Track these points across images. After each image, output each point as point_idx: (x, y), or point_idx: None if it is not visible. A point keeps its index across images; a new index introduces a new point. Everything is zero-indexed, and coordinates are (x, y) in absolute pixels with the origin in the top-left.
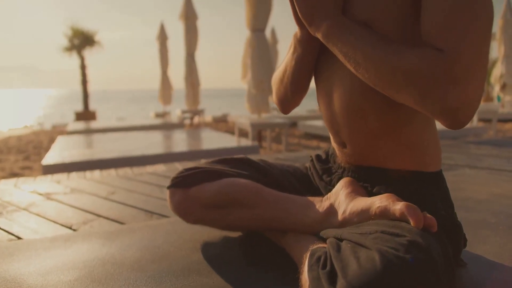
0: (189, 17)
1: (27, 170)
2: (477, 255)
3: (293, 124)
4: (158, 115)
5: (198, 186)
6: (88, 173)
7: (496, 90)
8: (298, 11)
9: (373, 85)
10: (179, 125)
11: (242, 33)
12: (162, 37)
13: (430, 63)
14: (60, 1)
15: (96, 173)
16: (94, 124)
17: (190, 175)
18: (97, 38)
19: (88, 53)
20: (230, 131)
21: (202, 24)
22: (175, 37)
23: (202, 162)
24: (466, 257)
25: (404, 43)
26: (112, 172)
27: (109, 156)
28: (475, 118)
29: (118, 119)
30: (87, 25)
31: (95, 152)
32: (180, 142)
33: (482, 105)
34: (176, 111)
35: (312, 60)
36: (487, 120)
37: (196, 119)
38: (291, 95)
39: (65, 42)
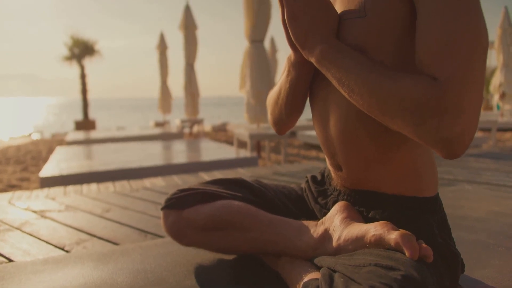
0: (189, 27)
1: (25, 182)
2: (476, 279)
3: (292, 134)
4: (157, 124)
5: (192, 208)
6: (85, 187)
7: (495, 99)
8: (291, 34)
9: (367, 111)
10: (179, 135)
11: (243, 41)
12: (162, 46)
13: (424, 92)
14: (62, 9)
15: (93, 187)
16: (93, 134)
17: (184, 197)
18: (97, 47)
19: (88, 62)
20: (230, 141)
21: (203, 31)
22: (176, 45)
23: (197, 183)
24: (465, 282)
25: (399, 69)
26: (109, 186)
27: (107, 168)
28: None
29: (118, 128)
30: (88, 34)
31: (93, 164)
32: (178, 153)
33: (482, 114)
34: (175, 121)
35: (307, 82)
36: (486, 130)
37: (195, 129)
38: (286, 116)
39: (65, 51)
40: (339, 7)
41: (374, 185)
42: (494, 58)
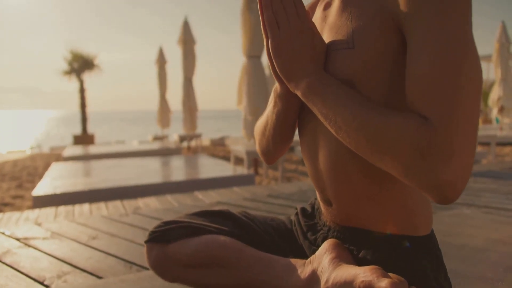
0: (187, 42)
1: (18, 200)
2: None
3: (290, 149)
4: (156, 138)
5: (177, 243)
6: (77, 208)
7: (494, 112)
8: (276, 66)
9: (355, 150)
10: (177, 150)
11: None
12: (161, 60)
13: (414, 132)
14: (64, 23)
15: (85, 208)
16: (90, 149)
17: (168, 230)
18: (96, 61)
19: (87, 76)
20: (228, 156)
21: (204, 43)
22: (176, 59)
23: (182, 214)
24: None
25: (388, 103)
26: (101, 206)
27: (101, 186)
28: None
29: (117, 142)
30: (89, 47)
31: (88, 181)
32: (175, 170)
33: (481, 127)
34: (174, 135)
35: (294, 114)
36: (485, 144)
37: (194, 143)
38: (274, 148)
39: (65, 66)
40: (327, 37)
41: (365, 222)
42: (492, 72)
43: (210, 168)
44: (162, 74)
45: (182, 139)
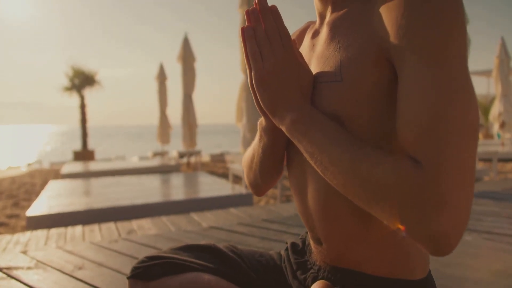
0: (187, 58)
1: (13, 219)
2: None
3: None
4: (156, 154)
5: (159, 281)
6: (69, 230)
7: (495, 128)
8: (259, 99)
9: (342, 193)
10: (176, 167)
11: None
12: (161, 77)
13: (404, 179)
14: (68, 38)
15: (78, 230)
16: (89, 166)
17: (151, 267)
18: (97, 77)
19: (88, 92)
20: (227, 173)
21: (204, 57)
22: (177, 74)
23: (167, 248)
24: None
25: (378, 142)
26: (95, 228)
27: (96, 206)
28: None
29: (117, 158)
30: (91, 62)
31: (83, 201)
32: (172, 189)
33: (482, 142)
34: (173, 152)
35: (282, 148)
36: (487, 160)
37: (193, 159)
38: (262, 181)
39: (66, 82)
40: (315, 67)
41: (357, 263)
42: (492, 87)
43: (208, 186)
44: (162, 90)
45: (181, 155)
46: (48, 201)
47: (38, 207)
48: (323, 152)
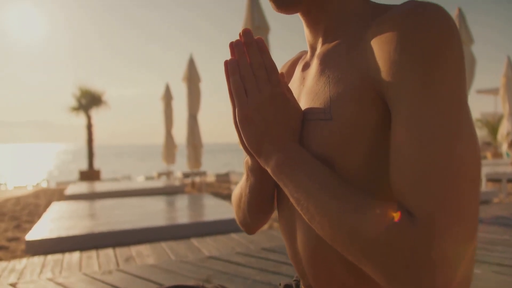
0: (192, 79)
1: (13, 242)
2: None
3: None
4: (161, 174)
5: None
6: (67, 256)
7: (504, 148)
8: (243, 138)
9: (331, 244)
10: (180, 188)
11: None
12: (167, 97)
13: (395, 235)
14: (77, 58)
15: (75, 257)
16: (94, 187)
17: None
18: (104, 97)
19: (95, 112)
20: (232, 193)
21: (211, 75)
22: (182, 93)
23: None
24: None
25: (370, 187)
26: (92, 255)
27: (96, 230)
28: (483, 179)
29: (123, 177)
30: (97, 82)
31: (85, 224)
32: (175, 212)
33: (491, 162)
34: (178, 173)
35: (270, 188)
36: (496, 181)
37: (198, 179)
38: (251, 221)
39: (73, 101)
40: (304, 102)
41: None
42: (499, 105)
43: (211, 210)
44: (168, 111)
45: (186, 176)
46: (49, 224)
47: (38, 231)
48: (309, 199)
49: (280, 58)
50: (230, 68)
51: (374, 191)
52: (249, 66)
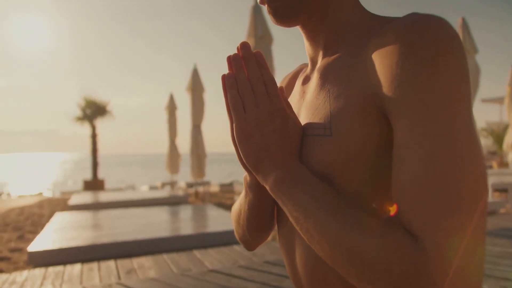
0: (196, 89)
1: (16, 253)
2: None
3: None
4: (165, 184)
5: None
6: (68, 268)
7: (510, 157)
8: (241, 154)
9: (331, 265)
10: (184, 198)
11: None
12: (171, 107)
13: (396, 258)
14: (81, 68)
15: (76, 269)
16: (97, 197)
17: None
18: (109, 107)
19: (99, 122)
20: None
21: (214, 84)
22: (186, 103)
23: None
24: None
25: (370, 205)
26: (94, 267)
27: (99, 241)
28: (489, 190)
29: (128, 187)
30: (102, 91)
31: (87, 235)
32: (178, 223)
33: (497, 172)
34: (181, 183)
35: (269, 205)
36: (502, 191)
37: (201, 189)
38: (251, 237)
39: (78, 111)
40: (304, 117)
41: None
42: (505, 114)
43: (214, 220)
44: (172, 120)
45: (189, 186)
46: (52, 235)
47: (40, 242)
48: (308, 218)
49: (284, 68)
50: (228, 83)
51: (376, 211)
52: (247, 81)
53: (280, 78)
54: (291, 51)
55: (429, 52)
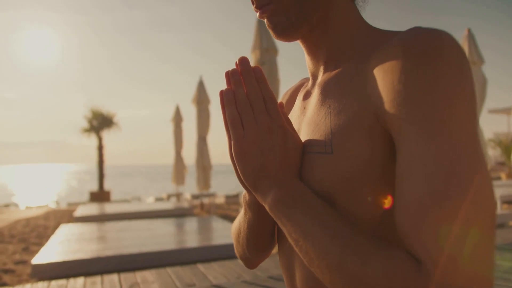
0: (202, 101)
1: (20, 266)
2: None
3: None
4: (170, 196)
5: None
6: (71, 282)
7: None
8: (239, 172)
9: None
10: (189, 210)
11: None
12: (177, 119)
13: (401, 283)
14: (89, 79)
15: (79, 283)
16: (103, 208)
17: None
18: (115, 119)
19: (106, 133)
20: None
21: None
22: (192, 114)
23: None
24: None
25: (374, 227)
26: (97, 281)
27: (103, 254)
28: (498, 202)
29: (133, 198)
30: (109, 103)
31: (91, 248)
32: (182, 235)
33: (506, 183)
34: (187, 194)
35: (268, 224)
36: (511, 203)
37: (207, 201)
38: (251, 256)
39: (85, 123)
40: (305, 133)
41: None
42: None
43: (219, 233)
44: (178, 132)
45: (195, 197)
46: (56, 247)
47: (44, 255)
48: (308, 241)
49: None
50: (226, 99)
51: (378, 233)
52: (246, 97)
53: (285, 90)
54: (297, 62)
55: (431, 67)
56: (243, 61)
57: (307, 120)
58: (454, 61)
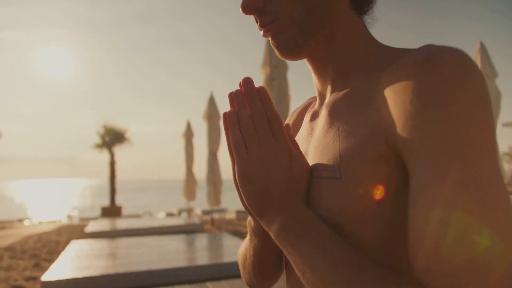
0: (212, 117)
1: (30, 282)
2: None
3: None
4: (181, 211)
5: None
6: None
7: None
8: (243, 197)
9: None
10: (200, 226)
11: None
12: (188, 134)
13: None
14: (99, 94)
15: None
16: (115, 224)
17: None
18: (127, 134)
19: (118, 149)
20: None
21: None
22: (203, 129)
23: None
24: None
25: (384, 257)
26: None
27: (112, 271)
28: None
29: (145, 213)
30: (121, 118)
31: (101, 264)
32: (192, 253)
33: None
34: (198, 210)
35: (274, 251)
36: None
37: (217, 216)
38: (258, 283)
39: (97, 139)
40: (312, 156)
41: None
42: None
43: (229, 250)
44: (189, 147)
45: (205, 213)
46: (66, 264)
47: (54, 271)
48: (315, 274)
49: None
50: (229, 121)
51: (391, 264)
52: (250, 118)
53: (296, 106)
54: (308, 78)
55: (445, 89)
56: (246, 81)
57: (314, 142)
58: (468, 81)
